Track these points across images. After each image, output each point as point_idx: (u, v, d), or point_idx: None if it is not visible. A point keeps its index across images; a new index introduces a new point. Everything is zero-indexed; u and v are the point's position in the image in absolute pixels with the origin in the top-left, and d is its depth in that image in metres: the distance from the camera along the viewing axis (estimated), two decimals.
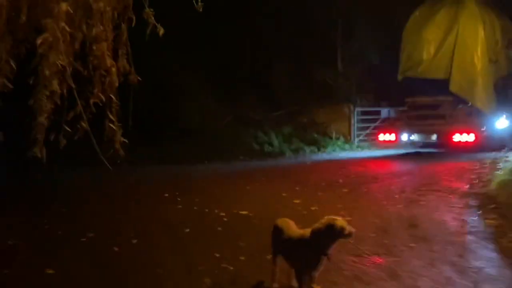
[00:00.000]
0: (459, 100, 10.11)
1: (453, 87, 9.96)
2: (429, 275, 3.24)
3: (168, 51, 11.39)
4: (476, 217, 4.93)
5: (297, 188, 6.90)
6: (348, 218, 4.89)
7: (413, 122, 10.59)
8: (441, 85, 10.04)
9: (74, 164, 8.15)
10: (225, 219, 5.05)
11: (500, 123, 10.37)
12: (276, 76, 14.44)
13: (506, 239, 4.11)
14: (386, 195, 6.21)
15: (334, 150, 13.24)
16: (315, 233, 2.58)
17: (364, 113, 14.58)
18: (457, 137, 9.55)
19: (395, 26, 12.02)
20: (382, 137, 10.93)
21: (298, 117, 14.82)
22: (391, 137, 10.71)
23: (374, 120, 13.62)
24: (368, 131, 13.92)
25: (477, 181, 6.84)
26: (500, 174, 6.53)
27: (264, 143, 12.79)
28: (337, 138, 14.28)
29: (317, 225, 2.60)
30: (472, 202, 5.63)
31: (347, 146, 13.87)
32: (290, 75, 14.69)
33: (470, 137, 9.49)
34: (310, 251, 2.61)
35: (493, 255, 3.71)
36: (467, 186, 6.60)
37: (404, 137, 10.64)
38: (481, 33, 10.05)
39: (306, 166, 10.41)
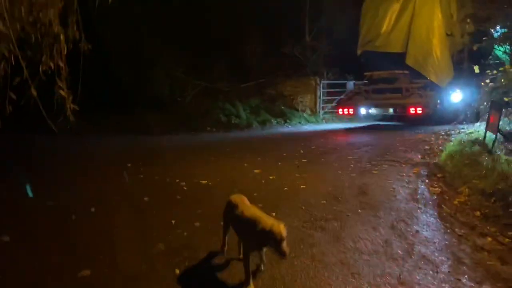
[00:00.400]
0: (415, 74, 10.43)
1: (409, 61, 10.27)
2: (369, 238, 3.48)
3: (138, 20, 11.47)
4: (423, 186, 5.24)
5: (259, 159, 7.06)
6: (303, 186, 5.17)
7: (371, 95, 10.86)
8: (399, 59, 10.32)
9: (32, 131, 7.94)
10: (185, 188, 5.16)
11: (455, 96, 10.78)
12: (246, 48, 14.49)
13: (447, 206, 4.42)
14: (342, 165, 6.46)
15: (300, 122, 13.47)
16: (259, 230, 2.58)
17: (330, 86, 14.80)
18: (413, 110, 9.88)
19: (362, 1, 12.13)
20: (341, 110, 11.20)
21: (266, 89, 14.92)
22: (350, 110, 10.98)
23: (340, 93, 13.88)
24: (333, 104, 14.19)
25: (429, 152, 7.19)
26: (449, 145, 6.90)
27: (231, 114, 12.89)
28: (303, 111, 14.53)
29: (262, 224, 2.59)
30: (422, 171, 5.94)
31: (312, 118, 14.13)
32: (260, 48, 14.73)
33: (426, 110, 9.84)
34: (254, 237, 2.66)
35: (432, 220, 4.00)
36: (420, 157, 6.92)
37: (363, 110, 10.92)
38: (437, 7, 10.30)
39: (270, 137, 10.58)
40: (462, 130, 8.62)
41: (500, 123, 7.08)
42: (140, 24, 11.95)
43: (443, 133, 8.79)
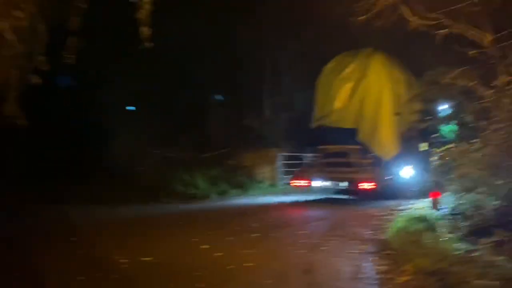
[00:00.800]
0: (367, 149, 10.86)
1: (360, 136, 10.74)
2: None
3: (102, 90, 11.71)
4: (370, 263, 5.22)
5: (209, 233, 6.88)
6: (251, 264, 5.03)
7: (324, 169, 11.13)
8: (352, 134, 10.79)
9: None
10: (125, 266, 4.90)
11: (406, 172, 11.22)
12: (209, 119, 14.89)
13: (390, 285, 4.40)
14: (293, 240, 6.39)
15: (258, 194, 13.44)
16: None
17: (289, 158, 15.10)
18: (364, 185, 10.12)
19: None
20: (296, 182, 11.37)
21: (227, 160, 15.02)
22: (304, 183, 11.16)
23: (298, 166, 14.13)
24: (291, 176, 14.35)
25: (378, 228, 7.26)
26: (397, 221, 7.02)
27: (189, 185, 12.71)
28: (262, 182, 14.60)
29: None
30: (370, 248, 5.95)
31: (271, 189, 14.19)
32: (222, 119, 15.14)
33: (376, 185, 10.10)
34: None
35: None
36: (369, 232, 6.98)
37: (317, 183, 11.12)
38: (386, 88, 10.91)
39: (226, 210, 10.45)
40: (411, 206, 8.85)
41: (444, 200, 7.34)
42: (103, 94, 12.15)
43: (393, 209, 8.97)
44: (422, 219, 6.67)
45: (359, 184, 10.09)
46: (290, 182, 11.60)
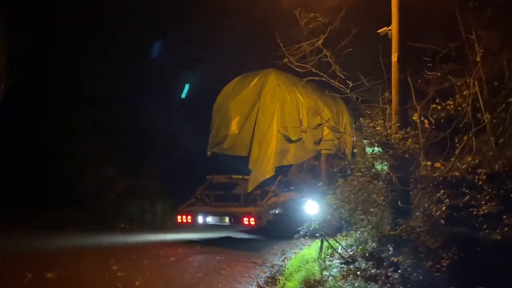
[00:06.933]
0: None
1: (251, 165, 9.46)
2: None
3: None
4: None
5: None
6: None
7: (209, 202, 9.76)
8: (246, 162, 9.52)
9: None
10: None
11: (308, 206, 9.88)
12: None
13: None
14: None
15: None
16: None
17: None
18: (246, 221, 8.83)
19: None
20: (180, 218, 9.71)
21: None
22: (189, 218, 9.59)
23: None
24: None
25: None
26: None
27: (147, 212, 12.50)
28: None
29: None
30: None
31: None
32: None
33: (258, 222, 8.80)
34: None
35: None
36: None
37: (200, 219, 9.57)
38: (278, 112, 9.88)
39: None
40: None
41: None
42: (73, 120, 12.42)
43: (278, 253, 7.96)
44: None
45: (242, 220, 8.73)
46: (176, 217, 9.88)
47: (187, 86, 15.10)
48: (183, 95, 15.13)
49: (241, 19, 11.87)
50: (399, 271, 5.07)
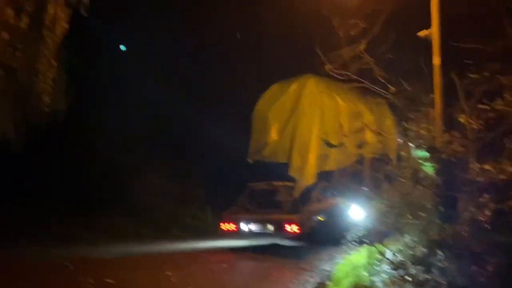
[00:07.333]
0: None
1: (292, 172, 9.53)
2: None
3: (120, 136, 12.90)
4: None
5: None
6: None
7: (251, 209, 9.91)
8: (287, 169, 9.60)
9: None
10: None
11: (353, 212, 9.66)
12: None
13: None
14: None
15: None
16: None
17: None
18: (289, 228, 8.87)
19: None
20: (223, 226, 9.95)
21: None
22: (233, 226, 9.76)
23: None
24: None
25: None
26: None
27: (199, 219, 13.09)
28: None
29: None
30: None
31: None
32: None
33: (302, 228, 8.82)
34: None
35: None
36: None
37: (244, 226, 9.69)
38: (317, 117, 9.91)
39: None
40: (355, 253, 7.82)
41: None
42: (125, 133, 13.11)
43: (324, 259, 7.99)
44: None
45: (285, 227, 8.78)
46: (220, 225, 10.11)
47: None
48: None
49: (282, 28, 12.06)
50: (447, 276, 5.01)
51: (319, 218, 9.71)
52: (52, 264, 7.54)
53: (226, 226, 9.71)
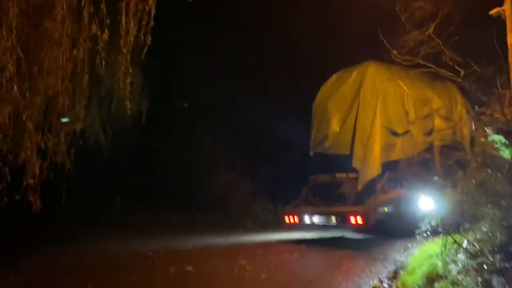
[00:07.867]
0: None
1: (355, 163, 9.19)
2: None
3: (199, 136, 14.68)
4: None
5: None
6: None
7: (314, 202, 9.88)
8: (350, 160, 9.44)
9: None
10: None
11: (422, 202, 9.15)
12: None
13: None
14: None
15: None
16: None
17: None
18: (356, 220, 8.50)
19: None
20: (287, 219, 9.90)
21: None
22: (296, 218, 9.69)
23: None
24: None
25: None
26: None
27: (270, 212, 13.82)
28: None
29: None
30: None
31: None
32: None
33: (367, 220, 8.47)
34: None
35: None
36: None
37: (307, 219, 9.53)
38: (380, 105, 9.43)
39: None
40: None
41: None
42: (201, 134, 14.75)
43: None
44: None
45: (349, 219, 8.70)
46: (283, 218, 10.23)
47: None
48: None
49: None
50: None
51: (385, 209, 9.45)
52: (138, 255, 8.30)
53: (289, 219, 9.83)
